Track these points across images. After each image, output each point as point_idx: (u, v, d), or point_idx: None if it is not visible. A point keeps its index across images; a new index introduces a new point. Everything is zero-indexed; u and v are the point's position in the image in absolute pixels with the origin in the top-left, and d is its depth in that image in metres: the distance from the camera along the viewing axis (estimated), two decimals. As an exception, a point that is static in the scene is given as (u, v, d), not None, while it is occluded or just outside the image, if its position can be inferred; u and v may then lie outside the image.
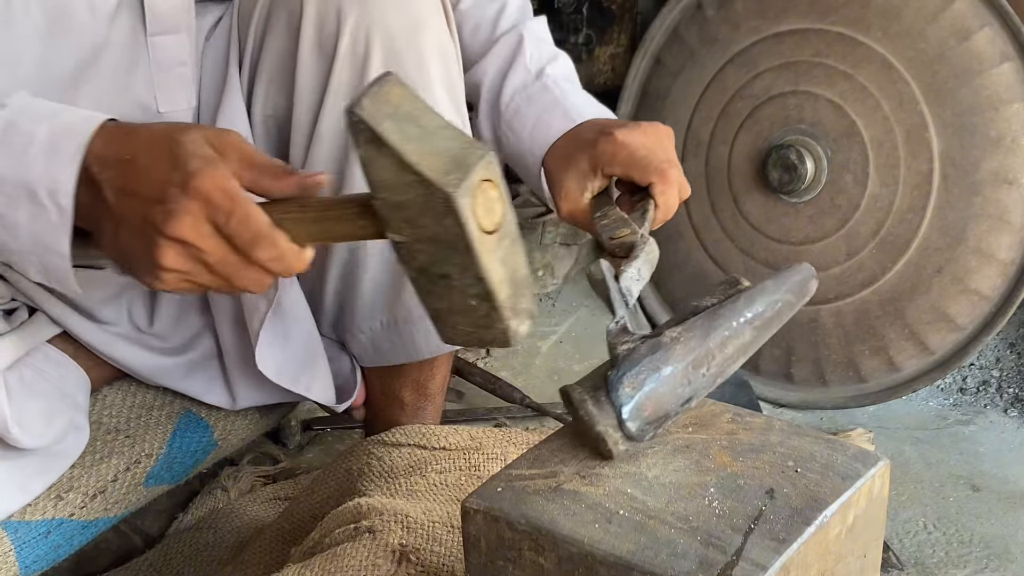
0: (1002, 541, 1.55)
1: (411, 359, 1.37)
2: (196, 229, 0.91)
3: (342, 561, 1.08)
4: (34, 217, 0.95)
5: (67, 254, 0.96)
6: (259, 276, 0.95)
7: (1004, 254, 1.82)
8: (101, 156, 0.94)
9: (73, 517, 1.24)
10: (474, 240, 0.84)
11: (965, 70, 1.82)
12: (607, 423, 0.91)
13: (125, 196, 0.93)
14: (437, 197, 0.82)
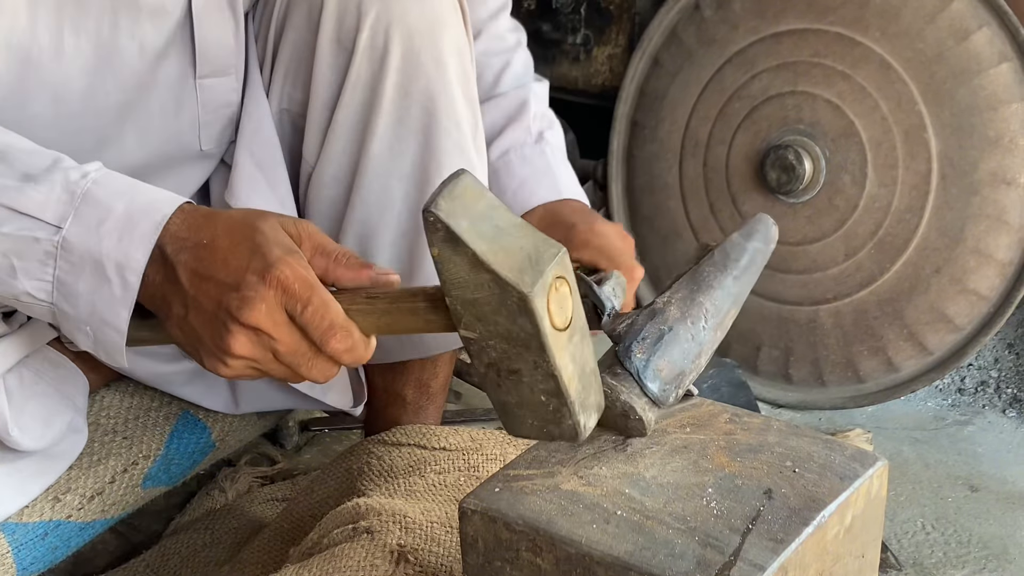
0: (1000, 541, 1.55)
1: (417, 356, 1.37)
2: (271, 317, 0.91)
3: (340, 561, 1.08)
4: (95, 289, 0.95)
5: (124, 331, 0.97)
6: (327, 366, 0.95)
7: (1002, 254, 1.82)
8: (177, 237, 0.95)
9: (71, 519, 1.24)
10: (547, 339, 0.84)
11: (963, 70, 1.82)
12: (630, 392, 0.93)
13: (201, 280, 0.93)
14: (512, 297, 0.83)
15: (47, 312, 0.98)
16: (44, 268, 0.95)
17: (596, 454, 0.94)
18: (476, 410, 1.92)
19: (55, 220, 0.95)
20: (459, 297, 0.86)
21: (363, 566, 1.07)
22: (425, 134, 1.22)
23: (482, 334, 0.87)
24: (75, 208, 0.95)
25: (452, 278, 0.85)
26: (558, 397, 0.87)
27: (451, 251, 0.83)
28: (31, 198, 0.95)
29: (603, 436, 0.97)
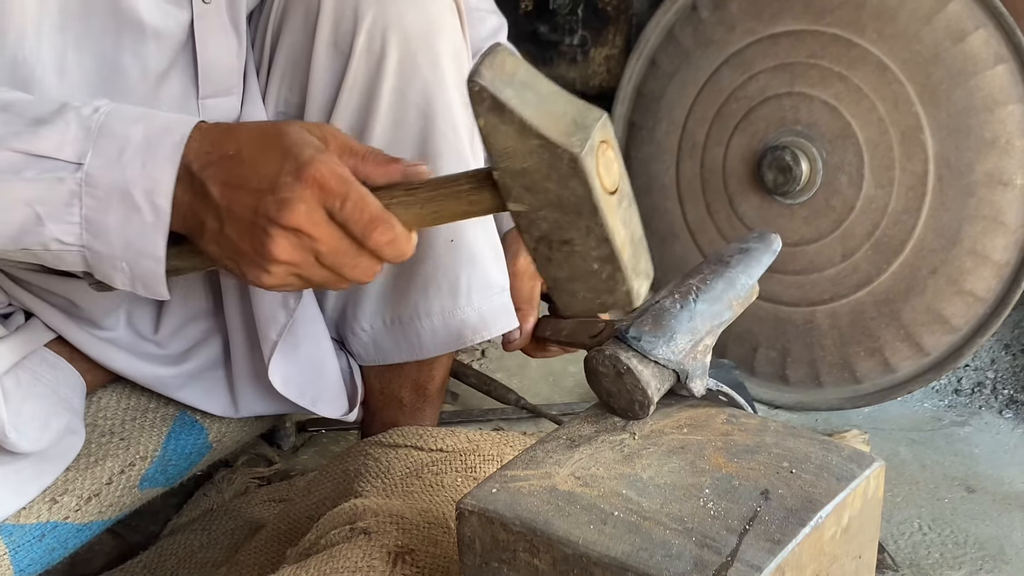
0: (997, 542, 1.55)
1: (414, 358, 1.37)
2: (311, 217, 0.91)
3: (337, 562, 1.07)
4: (126, 220, 0.94)
5: (161, 257, 0.96)
6: (370, 264, 0.95)
7: (999, 255, 1.82)
8: (201, 153, 0.95)
9: (68, 520, 1.23)
10: (599, 200, 0.84)
11: (960, 72, 1.82)
12: (633, 359, 0.96)
13: (233, 190, 0.93)
14: (562, 159, 0.83)
15: (78, 258, 0.97)
16: (70, 210, 0.94)
17: (593, 455, 0.94)
18: (473, 411, 1.92)
19: (74, 157, 0.94)
20: (508, 168, 0.86)
21: (360, 567, 1.07)
22: (422, 137, 1.22)
23: (532, 205, 0.87)
24: (93, 142, 0.94)
25: (500, 148, 0.85)
26: (612, 262, 0.88)
27: (498, 119, 0.84)
28: (47, 139, 0.94)
29: (600, 437, 0.97)
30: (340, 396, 1.38)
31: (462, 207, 0.93)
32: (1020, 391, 1.93)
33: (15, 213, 0.94)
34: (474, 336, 1.32)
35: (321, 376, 1.35)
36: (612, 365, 0.97)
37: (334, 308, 1.38)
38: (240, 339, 1.35)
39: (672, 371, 0.98)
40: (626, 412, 0.98)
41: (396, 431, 1.38)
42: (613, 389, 0.98)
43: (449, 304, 1.30)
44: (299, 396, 1.33)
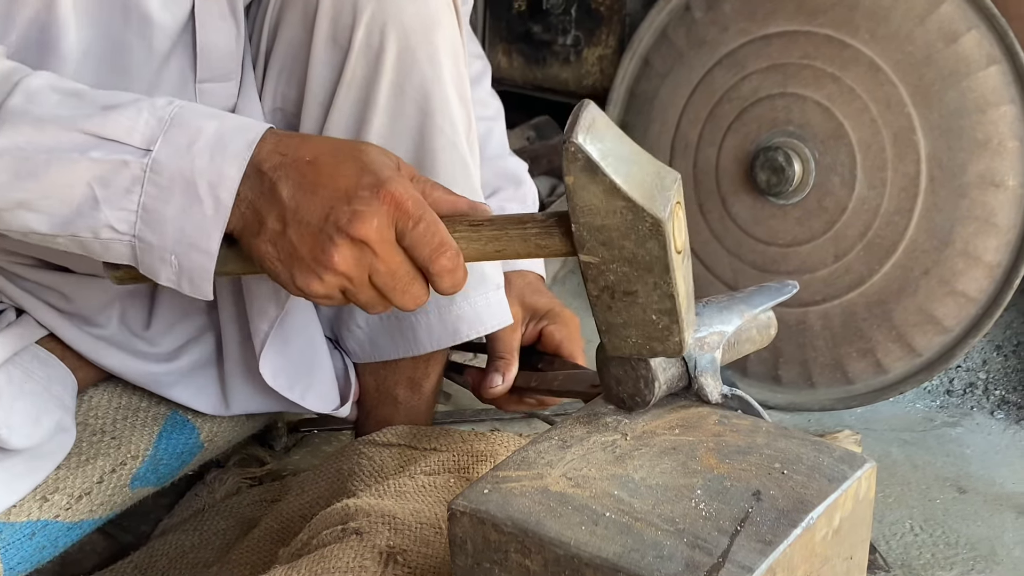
0: (988, 543, 1.55)
1: (410, 354, 1.37)
2: (381, 232, 0.92)
3: (329, 563, 1.07)
4: (185, 211, 0.95)
5: (214, 252, 0.96)
6: (421, 291, 0.97)
7: (991, 256, 1.82)
8: (276, 154, 0.95)
9: (58, 519, 1.23)
10: (671, 260, 0.90)
11: (952, 73, 1.83)
12: None
13: (305, 194, 0.93)
14: (645, 222, 0.88)
15: (126, 249, 0.97)
16: (129, 196, 0.94)
17: (585, 455, 0.94)
18: (466, 411, 1.92)
19: (143, 143, 0.94)
20: (587, 224, 0.90)
21: (352, 567, 1.07)
22: (420, 132, 1.22)
23: (604, 258, 0.91)
24: (164, 131, 0.95)
25: (584, 205, 0.89)
26: (670, 316, 0.93)
27: (588, 179, 0.88)
28: (117, 123, 0.95)
29: (592, 438, 0.97)
30: (331, 391, 1.38)
31: (528, 249, 0.97)
32: (1012, 392, 1.94)
33: (74, 192, 0.94)
34: (469, 331, 1.33)
35: (312, 370, 1.34)
36: None
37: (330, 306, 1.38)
38: (233, 336, 1.35)
39: None
40: (633, 397, 0.99)
41: (390, 430, 1.38)
42: (619, 372, 0.99)
43: (445, 300, 1.31)
44: (288, 389, 1.32)
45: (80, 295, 1.28)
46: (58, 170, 0.94)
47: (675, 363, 1.00)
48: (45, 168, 0.94)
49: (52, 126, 0.95)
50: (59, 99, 0.97)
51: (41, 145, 0.94)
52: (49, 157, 0.94)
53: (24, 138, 0.94)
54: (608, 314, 0.95)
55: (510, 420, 1.89)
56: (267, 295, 1.25)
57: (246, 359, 1.35)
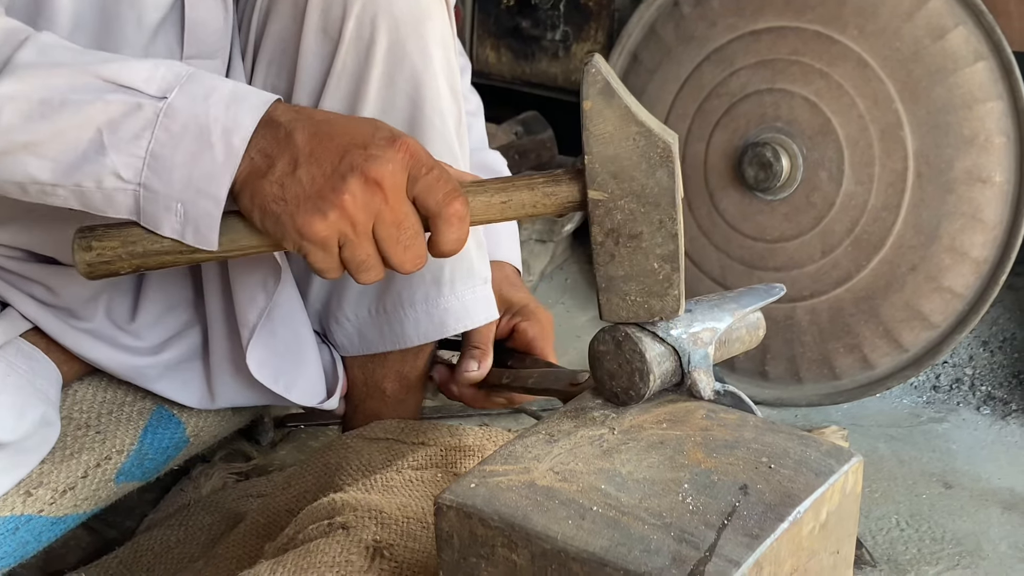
0: (974, 538, 1.56)
1: (398, 347, 1.37)
2: (395, 177, 0.93)
3: (315, 558, 1.07)
4: (195, 156, 0.94)
5: (222, 199, 0.96)
6: (421, 250, 0.98)
7: (977, 252, 1.83)
8: (290, 111, 0.97)
9: (42, 513, 1.22)
10: (678, 193, 0.93)
11: (940, 69, 1.83)
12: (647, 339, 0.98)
13: (321, 140, 0.94)
14: (657, 146, 0.92)
15: (129, 199, 0.97)
16: (137, 142, 0.94)
17: (572, 450, 0.94)
18: (453, 405, 1.91)
19: (159, 92, 0.95)
20: (600, 153, 0.93)
21: (338, 562, 1.06)
22: (410, 124, 1.22)
23: (613, 194, 0.94)
24: (180, 84, 0.95)
25: (599, 132, 0.92)
26: (672, 262, 0.95)
27: (604, 103, 0.91)
28: (135, 71, 0.95)
29: (580, 432, 0.97)
30: (317, 384, 1.38)
31: (534, 197, 0.99)
32: (998, 388, 1.94)
33: (82, 134, 0.94)
34: (457, 325, 1.33)
35: (298, 362, 1.34)
36: (611, 337, 0.99)
37: (318, 299, 1.38)
38: (220, 328, 1.34)
39: (671, 349, 0.98)
40: (627, 391, 0.99)
41: (378, 424, 1.37)
42: (614, 367, 0.99)
43: (433, 293, 1.31)
44: (273, 381, 1.32)
45: (65, 288, 1.27)
46: (71, 112, 0.94)
47: (670, 357, 1.00)
48: (58, 109, 0.94)
49: (67, 70, 0.95)
50: (73, 52, 0.98)
51: (55, 87, 0.94)
52: (63, 98, 0.94)
53: (39, 82, 0.94)
54: (610, 266, 0.96)
55: (498, 416, 1.89)
56: (256, 284, 1.25)
57: (233, 352, 1.34)
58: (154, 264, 1.02)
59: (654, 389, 0.99)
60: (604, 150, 0.93)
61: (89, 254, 1.01)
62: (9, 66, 0.96)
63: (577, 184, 0.97)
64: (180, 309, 1.38)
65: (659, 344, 0.99)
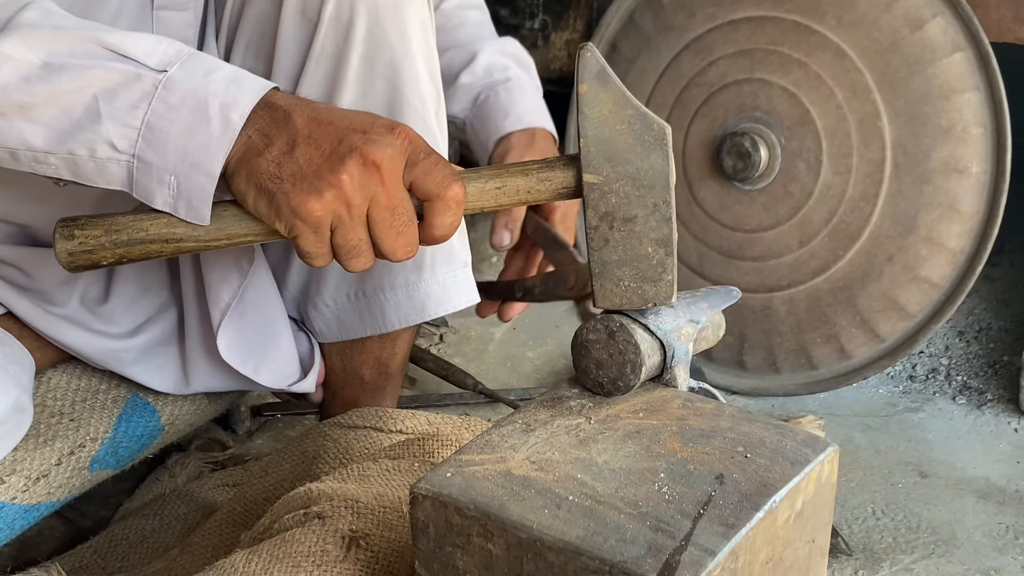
0: (949, 527, 1.56)
1: (378, 331, 1.37)
2: (392, 161, 0.93)
3: (291, 547, 1.07)
4: (191, 130, 0.94)
5: (216, 173, 0.95)
6: (415, 237, 0.97)
7: (954, 243, 1.84)
8: (291, 98, 0.97)
9: (15, 501, 1.22)
10: (672, 176, 0.94)
11: (917, 59, 1.83)
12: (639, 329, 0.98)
13: (319, 124, 0.94)
14: (652, 128, 0.93)
15: (122, 170, 0.96)
16: (134, 112, 0.94)
17: (549, 439, 0.94)
18: (431, 396, 1.91)
19: (160, 65, 0.95)
20: (596, 136, 0.93)
21: (314, 551, 1.06)
22: (389, 107, 1.22)
23: (608, 176, 0.94)
24: (182, 60, 0.95)
25: (594, 115, 0.93)
26: (666, 246, 0.95)
27: (600, 87, 0.93)
28: (138, 43, 0.95)
29: (556, 421, 0.96)
30: (288, 367, 1.37)
31: (529, 183, 0.99)
32: (973, 378, 1.95)
33: (79, 100, 0.94)
34: (437, 309, 1.33)
35: (268, 345, 1.33)
36: (604, 327, 0.98)
37: (295, 285, 1.37)
38: (194, 310, 1.33)
39: (659, 343, 0.98)
40: (615, 381, 0.98)
41: (356, 412, 1.37)
42: (604, 356, 0.98)
43: (414, 277, 1.31)
44: (241, 363, 1.31)
45: (40, 271, 1.26)
46: (70, 76, 0.93)
47: (657, 351, 0.99)
48: (57, 73, 0.93)
49: (69, 35, 0.95)
50: (76, 19, 0.97)
51: (56, 51, 0.94)
52: (63, 62, 0.93)
53: (40, 43, 0.94)
54: (604, 250, 0.96)
55: (475, 405, 1.89)
56: (229, 265, 1.24)
57: (206, 335, 1.34)
58: (137, 254, 1.01)
59: (640, 382, 0.99)
60: (599, 132, 0.93)
61: (71, 243, 1.00)
62: (11, 24, 0.95)
63: (572, 169, 0.97)
64: (154, 291, 1.37)
65: (650, 336, 0.99)
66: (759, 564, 0.85)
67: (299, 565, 1.04)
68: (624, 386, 0.98)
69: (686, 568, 0.78)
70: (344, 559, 1.06)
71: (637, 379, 0.98)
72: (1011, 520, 1.57)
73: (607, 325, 0.98)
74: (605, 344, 0.98)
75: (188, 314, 1.34)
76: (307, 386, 1.39)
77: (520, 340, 2.14)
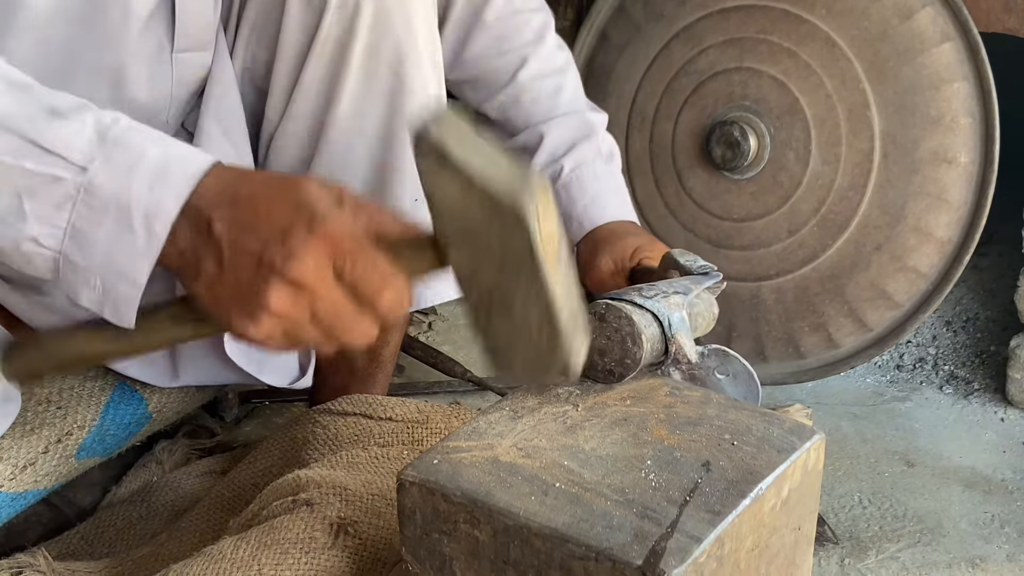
0: (935, 516, 1.57)
1: None
2: (318, 272, 0.86)
3: (279, 534, 1.07)
4: (116, 238, 0.89)
5: (142, 284, 0.90)
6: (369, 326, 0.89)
7: (942, 232, 1.84)
8: (214, 191, 0.89)
9: (2, 489, 1.22)
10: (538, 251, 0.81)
11: (907, 49, 1.83)
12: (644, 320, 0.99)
13: (241, 232, 0.88)
14: (505, 209, 0.80)
15: (48, 263, 0.91)
16: (59, 212, 0.89)
17: (536, 426, 0.94)
18: (419, 384, 1.91)
19: (82, 161, 0.88)
20: (450, 224, 0.84)
21: (302, 539, 1.06)
22: (392, 95, 1.22)
23: (472, 265, 0.85)
24: (105, 151, 0.89)
25: (442, 204, 0.83)
26: (551, 324, 0.84)
27: (439, 170, 0.82)
28: (57, 134, 0.88)
29: (544, 408, 0.97)
30: (289, 363, 1.37)
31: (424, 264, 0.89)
32: (960, 367, 1.96)
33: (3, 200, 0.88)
34: (433, 298, 1.34)
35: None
36: (592, 314, 0.98)
37: None
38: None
39: (651, 314, 0.98)
40: (623, 360, 0.98)
41: (345, 399, 1.37)
42: (602, 342, 0.98)
43: None
44: (247, 361, 1.31)
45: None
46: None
47: (653, 321, 0.99)
48: None
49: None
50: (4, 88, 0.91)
51: None
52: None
53: None
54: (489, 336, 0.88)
55: (463, 392, 1.89)
56: None
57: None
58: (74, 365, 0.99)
59: (646, 354, 0.98)
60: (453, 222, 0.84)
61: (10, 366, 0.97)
62: None
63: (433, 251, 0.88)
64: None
65: (640, 310, 0.99)
66: (745, 551, 0.85)
67: (287, 552, 1.04)
68: (632, 361, 0.99)
69: (672, 555, 0.78)
70: (332, 546, 1.06)
71: (641, 350, 0.98)
72: (997, 509, 1.58)
73: (594, 311, 0.98)
74: (600, 329, 0.98)
75: None
76: (307, 383, 1.39)
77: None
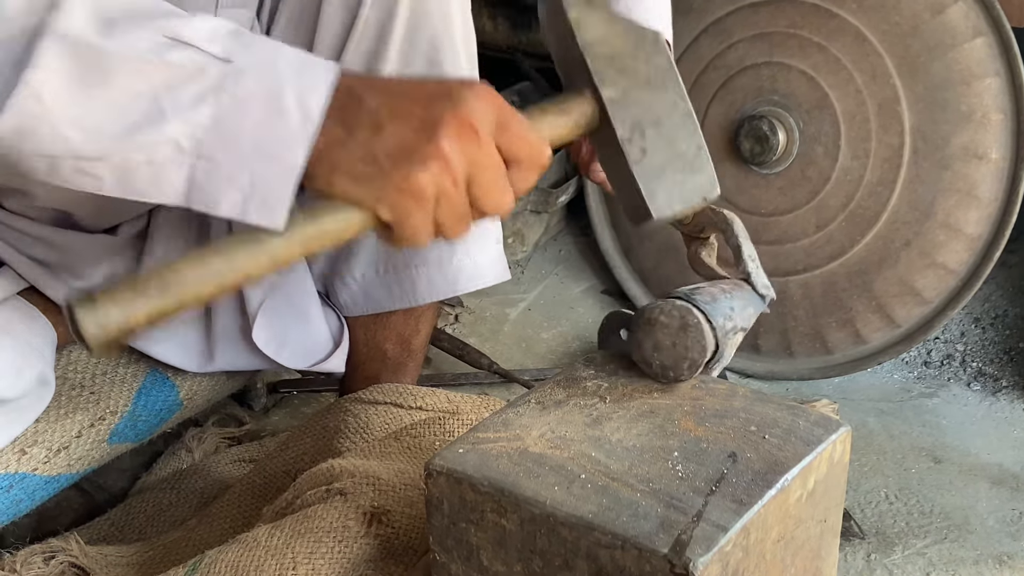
0: (962, 512, 1.57)
1: (407, 304, 1.37)
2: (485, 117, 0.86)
3: (313, 523, 1.08)
4: (265, 123, 0.84)
5: (299, 165, 0.85)
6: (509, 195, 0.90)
7: (972, 229, 1.83)
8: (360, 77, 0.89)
9: (36, 472, 1.23)
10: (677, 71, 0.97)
11: (938, 44, 1.82)
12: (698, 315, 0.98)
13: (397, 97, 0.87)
14: (647, 36, 0.96)
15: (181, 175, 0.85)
16: (200, 107, 0.84)
17: (563, 418, 0.94)
18: (446, 375, 1.92)
19: (223, 53, 0.85)
20: (600, 55, 0.95)
21: (336, 527, 1.07)
22: None
23: (625, 87, 0.95)
24: (243, 43, 0.86)
25: (592, 38, 0.95)
26: (697, 139, 0.97)
27: (588, 11, 0.95)
28: (197, 29, 0.85)
29: (571, 401, 0.97)
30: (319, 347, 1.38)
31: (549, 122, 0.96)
32: (988, 364, 1.95)
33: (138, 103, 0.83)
34: (468, 284, 1.34)
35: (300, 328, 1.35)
36: (679, 314, 0.96)
37: (324, 259, 1.38)
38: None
39: (715, 342, 0.98)
40: (668, 370, 0.97)
41: (377, 388, 1.38)
42: (667, 343, 0.97)
43: (447, 253, 1.32)
44: (276, 352, 1.32)
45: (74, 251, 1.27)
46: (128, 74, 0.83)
47: (711, 332, 0.98)
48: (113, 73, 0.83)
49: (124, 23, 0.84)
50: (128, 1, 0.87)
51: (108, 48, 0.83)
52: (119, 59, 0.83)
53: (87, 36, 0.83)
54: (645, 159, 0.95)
55: (489, 385, 1.89)
56: None
57: (236, 317, 1.34)
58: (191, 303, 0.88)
59: (703, 362, 0.99)
60: (603, 50, 0.95)
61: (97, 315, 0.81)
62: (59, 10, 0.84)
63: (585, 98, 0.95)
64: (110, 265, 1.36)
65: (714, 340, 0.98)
66: (771, 542, 0.85)
67: (321, 540, 1.06)
68: (674, 378, 0.98)
69: (698, 543, 0.78)
70: (365, 535, 1.07)
71: (689, 377, 0.98)
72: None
73: (683, 316, 0.95)
74: (675, 333, 0.96)
75: None
76: (335, 365, 1.40)
77: (535, 321, 2.15)
